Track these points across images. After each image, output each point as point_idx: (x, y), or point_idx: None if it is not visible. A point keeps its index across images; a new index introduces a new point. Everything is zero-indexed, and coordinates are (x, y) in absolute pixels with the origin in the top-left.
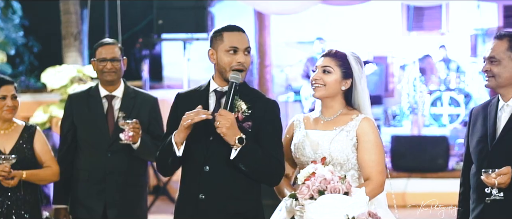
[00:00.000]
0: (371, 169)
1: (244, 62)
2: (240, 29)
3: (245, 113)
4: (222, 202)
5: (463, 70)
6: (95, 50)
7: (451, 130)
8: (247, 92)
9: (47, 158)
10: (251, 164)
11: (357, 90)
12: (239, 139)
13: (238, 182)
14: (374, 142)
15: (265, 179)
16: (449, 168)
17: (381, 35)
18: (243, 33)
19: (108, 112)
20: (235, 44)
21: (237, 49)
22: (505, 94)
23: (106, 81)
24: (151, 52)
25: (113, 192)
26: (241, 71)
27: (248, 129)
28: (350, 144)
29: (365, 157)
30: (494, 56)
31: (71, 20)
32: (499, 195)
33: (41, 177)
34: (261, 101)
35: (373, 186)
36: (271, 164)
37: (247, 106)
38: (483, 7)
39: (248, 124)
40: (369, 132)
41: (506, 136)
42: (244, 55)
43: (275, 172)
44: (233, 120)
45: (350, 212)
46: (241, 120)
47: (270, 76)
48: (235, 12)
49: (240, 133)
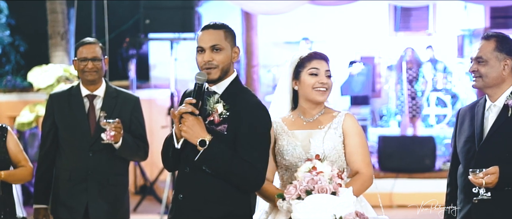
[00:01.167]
0: (360, 163)
1: (211, 60)
2: (211, 27)
3: (223, 115)
4: (197, 205)
5: (450, 71)
6: (76, 49)
7: (438, 130)
8: (235, 92)
9: (21, 158)
10: (216, 167)
11: None
12: (201, 142)
13: (215, 185)
14: (360, 136)
15: (237, 183)
16: (436, 168)
17: (368, 35)
18: (213, 30)
19: (89, 111)
20: (200, 43)
21: (203, 48)
22: (492, 95)
23: (87, 80)
24: (138, 51)
25: (94, 192)
26: (211, 69)
27: (223, 132)
28: (339, 141)
29: (353, 151)
30: (481, 57)
31: (58, 19)
32: (487, 195)
33: (18, 177)
34: (245, 103)
35: (364, 178)
36: (241, 168)
37: (226, 108)
38: (470, 8)
39: (224, 127)
40: (354, 126)
41: (493, 136)
42: (212, 53)
43: (247, 176)
44: (194, 122)
45: (337, 212)
46: (217, 122)
47: (257, 76)
48: (223, 12)
49: (205, 136)
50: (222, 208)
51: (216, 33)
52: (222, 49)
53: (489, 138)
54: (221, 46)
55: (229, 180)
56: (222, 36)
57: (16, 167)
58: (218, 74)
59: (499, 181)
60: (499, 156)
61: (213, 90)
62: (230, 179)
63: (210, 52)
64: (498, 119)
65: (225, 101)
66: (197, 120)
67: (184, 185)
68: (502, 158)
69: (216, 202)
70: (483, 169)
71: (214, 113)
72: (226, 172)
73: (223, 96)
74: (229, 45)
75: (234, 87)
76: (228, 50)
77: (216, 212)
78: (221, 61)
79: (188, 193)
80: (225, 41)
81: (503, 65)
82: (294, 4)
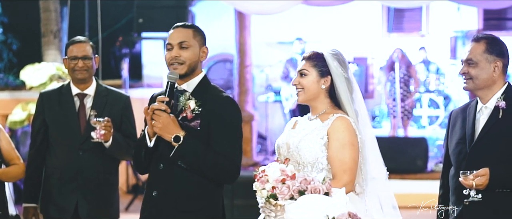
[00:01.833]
0: (337, 168)
1: (178, 56)
2: (180, 26)
3: (195, 111)
4: (172, 200)
5: (443, 72)
6: (66, 48)
7: (431, 131)
8: (204, 89)
9: (13, 156)
10: (190, 162)
11: (336, 86)
12: (175, 138)
13: (190, 180)
14: (343, 140)
15: (212, 176)
16: (428, 169)
17: (361, 36)
18: (182, 29)
19: (79, 110)
20: (169, 40)
21: (171, 45)
22: (483, 96)
23: (77, 79)
24: (131, 50)
25: (84, 190)
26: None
27: (196, 128)
28: (319, 143)
29: (331, 156)
30: (471, 59)
31: (51, 17)
32: (477, 197)
33: (11, 175)
34: (215, 99)
35: (336, 185)
36: (216, 162)
37: (198, 104)
38: (463, 10)
39: (197, 123)
40: (339, 130)
41: (484, 138)
42: (179, 50)
43: (223, 169)
44: (168, 119)
45: (330, 212)
46: (190, 118)
47: (250, 76)
48: (216, 12)
49: (179, 132)
50: (196, 202)
51: (185, 31)
52: (190, 47)
53: (480, 140)
54: (188, 44)
55: (204, 173)
56: (190, 35)
57: (8, 165)
58: (185, 70)
59: (490, 183)
60: (489, 157)
61: (183, 89)
62: (205, 173)
63: (177, 49)
64: (489, 120)
65: (196, 98)
66: (171, 117)
67: (158, 182)
68: (492, 159)
69: (191, 196)
70: (474, 171)
71: (187, 110)
72: (201, 166)
73: (194, 94)
74: (197, 44)
75: (203, 85)
76: (195, 48)
77: (191, 206)
78: (188, 57)
79: (163, 190)
80: (194, 39)
81: (493, 67)
82: (288, 4)
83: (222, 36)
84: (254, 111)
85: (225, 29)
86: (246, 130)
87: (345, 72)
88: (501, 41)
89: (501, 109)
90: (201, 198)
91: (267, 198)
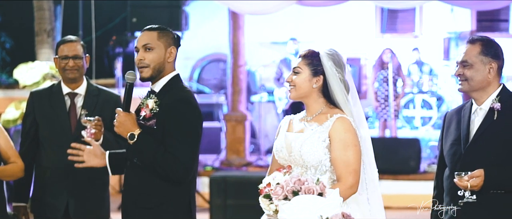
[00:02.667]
0: (342, 170)
1: (142, 59)
2: (147, 29)
3: (153, 110)
4: (133, 196)
5: (436, 73)
6: (57, 47)
7: (423, 132)
8: (168, 89)
9: (12, 154)
10: (143, 159)
11: (330, 86)
12: (130, 136)
13: (149, 178)
14: (346, 141)
15: (162, 175)
16: (421, 170)
17: (355, 36)
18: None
19: (70, 109)
20: (136, 43)
21: (137, 48)
22: (478, 98)
23: (68, 78)
24: (125, 50)
25: (75, 190)
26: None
27: (153, 126)
28: (322, 146)
29: (336, 157)
30: (466, 60)
31: (45, 16)
32: (472, 198)
33: (9, 173)
34: (172, 98)
35: (343, 187)
36: (164, 160)
37: (157, 104)
38: (456, 11)
39: (154, 122)
40: (341, 131)
41: (479, 139)
42: (144, 52)
43: (170, 168)
44: (125, 118)
45: (324, 213)
46: (148, 117)
47: (243, 76)
48: (210, 11)
49: (135, 130)
50: (153, 199)
51: (150, 33)
52: (153, 48)
53: (475, 141)
54: (152, 46)
55: (155, 172)
56: (155, 36)
57: (6, 163)
58: (150, 73)
59: (484, 184)
60: (484, 159)
61: (153, 89)
62: (156, 171)
63: (142, 52)
64: (484, 122)
65: (159, 98)
66: (128, 115)
67: (126, 178)
68: (487, 161)
69: (149, 193)
70: (469, 172)
71: (145, 108)
72: (152, 164)
73: (159, 94)
74: (162, 45)
75: (170, 85)
76: (160, 49)
77: (148, 203)
78: (152, 60)
79: (127, 186)
80: (158, 41)
81: (488, 69)
82: (281, 4)
83: (216, 35)
84: (247, 111)
85: (218, 28)
86: (239, 130)
87: (340, 73)
88: (496, 43)
89: (496, 111)
90: (160, 195)
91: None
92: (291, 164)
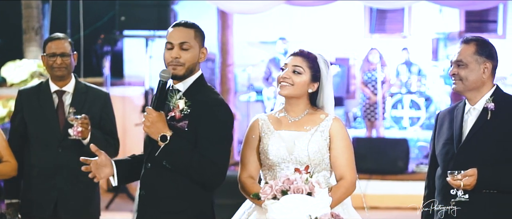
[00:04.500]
0: (344, 167)
1: (178, 57)
2: (182, 25)
3: (184, 111)
4: (156, 200)
5: (424, 74)
6: (45, 45)
7: (412, 133)
8: (197, 90)
9: (6, 153)
10: (175, 163)
11: (323, 92)
12: (162, 137)
13: (174, 181)
14: (346, 140)
15: (196, 179)
16: (409, 170)
17: (343, 36)
18: (184, 28)
19: (58, 107)
20: (170, 39)
21: (172, 45)
22: (471, 98)
23: (56, 76)
24: (113, 48)
25: (64, 188)
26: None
27: (184, 128)
28: (324, 144)
29: (337, 155)
30: (461, 60)
31: (32, 14)
32: (464, 197)
33: (2, 172)
34: (205, 100)
35: (347, 185)
36: (201, 164)
37: (188, 105)
38: (445, 12)
39: (185, 123)
40: (341, 131)
41: (472, 138)
42: (180, 50)
43: (207, 173)
44: (157, 118)
45: (312, 213)
46: (178, 118)
47: (232, 75)
48: (198, 10)
49: (167, 131)
50: (179, 203)
51: (187, 31)
52: (190, 48)
53: (468, 141)
54: (189, 45)
55: (189, 175)
56: (192, 35)
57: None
58: (183, 72)
59: (477, 183)
60: (477, 158)
61: (177, 88)
62: (190, 175)
63: (178, 49)
64: (477, 122)
65: (188, 98)
66: (160, 116)
67: (145, 181)
68: (480, 160)
69: (174, 197)
70: (462, 171)
71: (175, 109)
72: (185, 168)
73: (186, 93)
74: (197, 44)
75: (197, 85)
76: (196, 49)
77: (173, 207)
78: (188, 59)
79: (149, 189)
80: (194, 40)
81: (482, 69)
82: (270, 3)
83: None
84: (235, 111)
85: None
86: None
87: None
88: (491, 44)
89: (490, 111)
90: (185, 199)
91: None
92: (289, 163)
